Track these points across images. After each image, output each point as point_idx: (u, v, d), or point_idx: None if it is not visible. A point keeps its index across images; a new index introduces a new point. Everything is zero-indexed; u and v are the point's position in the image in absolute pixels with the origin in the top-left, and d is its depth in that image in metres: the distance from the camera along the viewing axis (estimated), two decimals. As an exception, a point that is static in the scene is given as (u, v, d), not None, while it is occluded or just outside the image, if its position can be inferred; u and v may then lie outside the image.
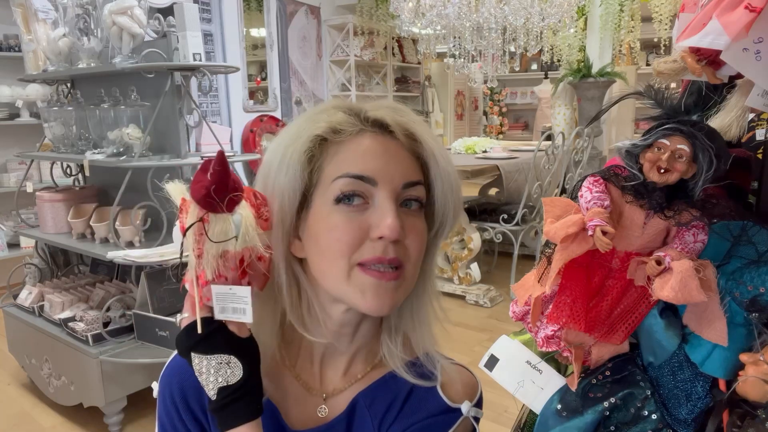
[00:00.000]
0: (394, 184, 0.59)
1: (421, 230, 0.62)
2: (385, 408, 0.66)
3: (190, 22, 2.11)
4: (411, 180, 0.60)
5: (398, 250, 0.58)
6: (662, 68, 0.63)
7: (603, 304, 0.67)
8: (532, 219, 3.63)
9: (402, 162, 0.61)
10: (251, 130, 4.56)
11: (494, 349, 0.79)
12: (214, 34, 4.32)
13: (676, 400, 0.65)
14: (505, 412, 2.20)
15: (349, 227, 0.58)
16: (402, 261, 0.59)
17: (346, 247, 0.58)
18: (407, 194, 0.60)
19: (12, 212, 3.00)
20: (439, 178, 0.62)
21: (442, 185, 0.63)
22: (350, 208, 0.58)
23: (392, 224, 0.56)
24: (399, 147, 0.61)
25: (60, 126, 2.44)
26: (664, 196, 0.64)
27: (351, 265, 0.58)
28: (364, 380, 0.68)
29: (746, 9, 0.51)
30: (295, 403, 0.68)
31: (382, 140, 0.61)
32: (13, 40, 3.77)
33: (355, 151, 0.60)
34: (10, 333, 2.65)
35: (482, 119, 8.00)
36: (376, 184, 0.58)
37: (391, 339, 0.67)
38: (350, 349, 0.68)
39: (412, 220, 0.60)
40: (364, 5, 5.46)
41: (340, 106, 0.63)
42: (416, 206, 0.61)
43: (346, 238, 0.58)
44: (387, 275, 0.58)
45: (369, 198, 0.59)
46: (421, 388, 0.67)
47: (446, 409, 0.66)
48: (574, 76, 4.62)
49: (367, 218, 0.58)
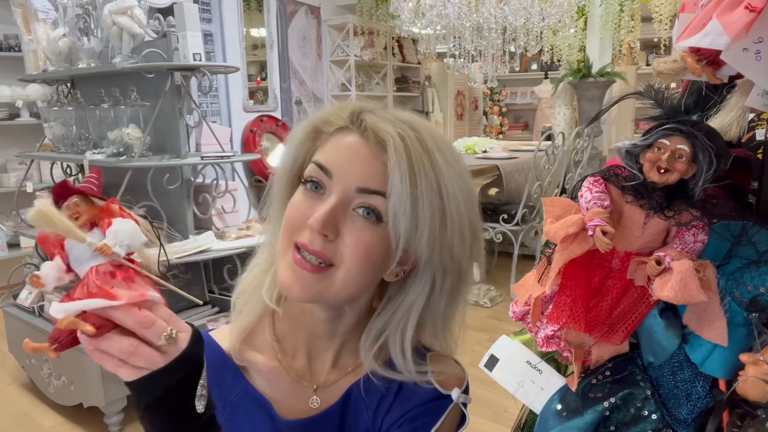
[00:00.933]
0: (348, 184, 0.60)
1: (365, 240, 0.60)
2: (380, 397, 0.68)
3: (190, 22, 2.11)
4: (366, 186, 0.59)
5: (327, 247, 0.59)
6: (662, 68, 0.63)
7: (603, 304, 0.67)
8: (532, 219, 3.63)
9: (365, 166, 0.60)
10: (251, 130, 4.56)
11: (494, 349, 0.79)
12: (214, 34, 4.32)
13: (676, 400, 0.65)
14: (505, 412, 2.20)
15: (300, 208, 0.61)
16: (331, 259, 0.59)
17: (289, 225, 0.61)
18: (361, 200, 0.60)
19: (12, 212, 3.00)
20: (392, 194, 0.59)
21: (392, 202, 0.59)
22: (310, 193, 0.62)
23: (318, 216, 0.58)
24: (370, 152, 0.60)
25: (60, 126, 2.44)
26: (664, 196, 0.64)
27: (290, 242, 0.61)
28: (355, 372, 0.70)
29: (746, 9, 0.51)
30: (286, 396, 0.69)
31: (357, 141, 0.61)
32: (13, 40, 3.77)
33: (332, 144, 0.63)
34: (10, 333, 2.65)
35: (482, 119, 8.00)
36: (332, 177, 0.60)
37: (366, 346, 0.68)
38: (333, 343, 0.70)
39: (359, 226, 0.60)
40: (364, 5, 5.46)
41: (349, 104, 0.65)
42: (373, 217, 0.60)
43: (292, 216, 0.61)
44: (305, 264, 0.59)
45: (326, 189, 0.61)
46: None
47: (438, 396, 0.67)
48: (574, 76, 4.62)
49: (315, 206, 0.60)
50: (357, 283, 0.62)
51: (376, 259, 0.61)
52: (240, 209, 2.59)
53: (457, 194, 0.60)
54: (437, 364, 0.69)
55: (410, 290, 0.66)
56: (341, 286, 0.61)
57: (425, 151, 0.60)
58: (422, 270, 0.64)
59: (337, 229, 0.59)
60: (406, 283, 0.66)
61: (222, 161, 2.29)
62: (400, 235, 0.59)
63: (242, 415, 0.68)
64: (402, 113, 0.64)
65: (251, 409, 0.68)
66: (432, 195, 0.59)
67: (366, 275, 0.62)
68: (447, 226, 0.60)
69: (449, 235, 0.61)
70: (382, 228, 0.60)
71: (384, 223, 0.60)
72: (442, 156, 0.60)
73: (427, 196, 0.59)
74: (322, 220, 0.58)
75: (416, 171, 0.59)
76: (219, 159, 2.27)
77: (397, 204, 0.58)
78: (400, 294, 0.67)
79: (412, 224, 0.59)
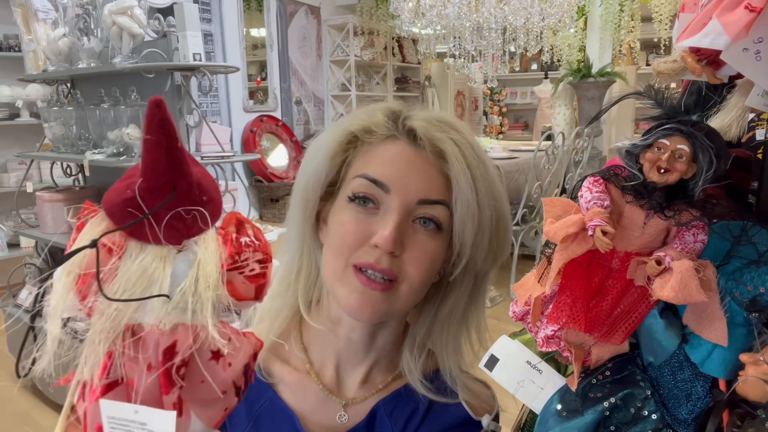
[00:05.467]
0: (408, 197, 0.58)
1: (430, 251, 0.59)
2: (407, 417, 0.66)
3: (190, 22, 2.11)
4: (428, 198, 0.58)
5: (394, 263, 0.57)
6: (662, 68, 0.63)
7: (603, 304, 0.67)
8: (532, 219, 3.63)
9: (423, 177, 0.58)
10: (251, 130, 4.56)
11: (494, 349, 0.78)
12: (214, 34, 4.32)
13: (676, 400, 0.65)
14: (505, 412, 2.20)
15: (354, 227, 0.58)
16: (396, 275, 0.58)
17: (345, 246, 0.58)
18: (422, 211, 0.58)
19: (12, 212, 3.00)
20: (459, 203, 0.58)
21: (461, 211, 0.58)
22: (360, 208, 0.59)
23: (388, 235, 0.56)
24: (426, 162, 0.59)
25: (60, 126, 2.44)
26: (664, 196, 0.64)
27: (347, 264, 0.58)
28: (385, 390, 0.68)
29: (746, 9, 0.51)
30: (313, 410, 0.66)
31: (410, 150, 0.59)
32: (13, 40, 3.77)
33: (380, 154, 0.60)
34: (10, 333, 2.65)
35: (482, 119, 7.99)
36: (389, 191, 0.58)
37: (412, 354, 0.67)
38: (368, 358, 0.67)
39: (421, 238, 0.59)
40: (364, 5, 5.46)
41: (385, 108, 0.63)
42: (432, 226, 0.59)
43: (347, 236, 0.58)
44: (374, 284, 0.57)
45: (380, 204, 0.59)
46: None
47: (468, 420, 0.67)
48: (574, 76, 4.62)
49: (372, 223, 0.58)
50: (420, 294, 0.61)
51: (437, 267, 0.61)
52: (240, 209, 2.59)
53: (503, 195, 0.61)
54: (468, 386, 0.69)
55: (454, 288, 0.66)
56: (406, 299, 0.59)
57: (477, 156, 0.59)
58: (467, 268, 0.64)
59: (403, 245, 0.58)
60: (445, 282, 0.65)
61: (222, 161, 2.29)
62: (467, 242, 0.59)
63: (266, 427, 0.65)
64: (436, 114, 0.62)
65: (276, 421, 0.65)
66: (490, 198, 0.59)
67: (427, 284, 0.61)
68: (500, 227, 0.61)
69: (502, 236, 0.61)
70: (442, 236, 0.59)
71: (443, 230, 0.59)
72: (486, 158, 0.61)
73: (487, 200, 0.59)
74: (392, 239, 0.56)
75: (476, 176, 0.58)
76: (219, 159, 2.27)
77: (465, 212, 0.58)
78: (441, 294, 0.66)
79: (480, 230, 0.59)
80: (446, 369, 0.67)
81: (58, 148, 2.51)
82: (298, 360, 0.68)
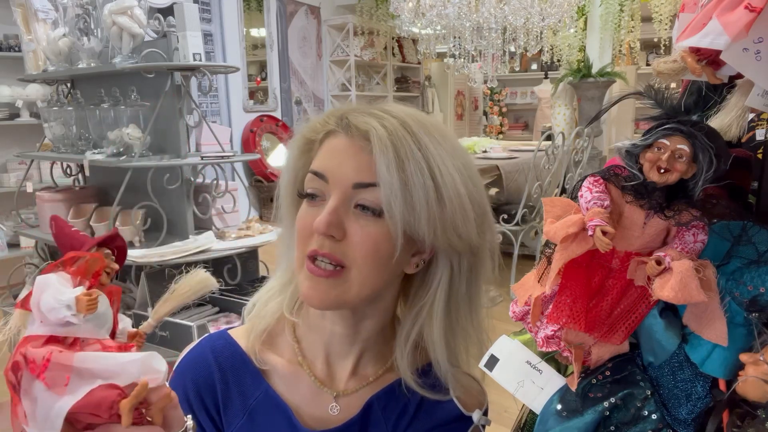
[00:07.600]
0: (344, 183, 0.59)
1: (371, 235, 0.59)
2: (399, 412, 0.67)
3: (190, 22, 2.11)
4: (361, 181, 0.59)
5: (337, 248, 0.59)
6: (662, 68, 0.63)
7: (603, 304, 0.67)
8: (532, 219, 3.63)
9: (355, 162, 0.59)
10: (251, 130, 4.56)
11: (494, 349, 0.78)
12: (214, 34, 4.32)
13: (676, 400, 0.65)
14: (505, 412, 2.20)
15: (304, 221, 0.61)
16: (342, 260, 0.59)
17: (300, 238, 0.62)
18: (360, 197, 0.59)
19: (12, 212, 3.00)
20: (382, 183, 0.58)
21: (384, 190, 0.58)
22: (311, 203, 0.62)
23: (322, 218, 0.58)
24: (358, 148, 0.60)
25: (60, 126, 2.44)
26: (664, 196, 0.64)
27: (303, 255, 0.61)
28: (377, 383, 0.69)
29: (746, 9, 0.51)
30: (306, 402, 0.68)
31: (345, 140, 0.61)
32: (13, 40, 3.77)
33: (323, 150, 0.63)
34: (10, 333, 2.65)
35: (482, 119, 8.00)
36: (328, 181, 0.60)
37: (401, 348, 0.67)
38: (354, 350, 0.68)
39: (362, 222, 0.59)
40: (364, 5, 5.46)
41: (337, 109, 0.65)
42: (369, 212, 0.59)
43: (301, 230, 0.62)
44: (320, 271, 0.59)
45: (325, 195, 0.61)
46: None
47: (459, 416, 0.67)
48: (574, 76, 4.62)
49: (318, 214, 0.60)
50: (373, 281, 0.61)
51: (384, 252, 0.60)
52: (240, 209, 2.59)
53: (450, 171, 0.59)
54: (460, 382, 0.69)
55: (432, 279, 0.66)
56: (358, 286, 0.60)
57: (410, 134, 0.59)
58: (438, 256, 0.64)
59: (342, 229, 0.59)
60: (427, 274, 0.66)
61: (222, 161, 2.29)
62: (397, 221, 0.58)
63: (261, 420, 0.67)
64: (390, 106, 0.63)
65: (270, 414, 0.67)
66: (422, 176, 0.58)
67: (380, 271, 0.61)
68: (445, 204, 0.59)
69: (449, 213, 0.59)
70: (384, 221, 0.59)
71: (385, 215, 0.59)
72: (429, 136, 0.60)
73: (417, 178, 0.58)
74: (326, 221, 0.58)
75: (402, 155, 0.58)
76: (219, 159, 2.27)
77: (388, 191, 0.57)
78: (424, 287, 0.67)
79: (407, 208, 0.58)
80: (437, 363, 0.67)
81: (58, 148, 2.51)
82: (292, 352, 0.70)
